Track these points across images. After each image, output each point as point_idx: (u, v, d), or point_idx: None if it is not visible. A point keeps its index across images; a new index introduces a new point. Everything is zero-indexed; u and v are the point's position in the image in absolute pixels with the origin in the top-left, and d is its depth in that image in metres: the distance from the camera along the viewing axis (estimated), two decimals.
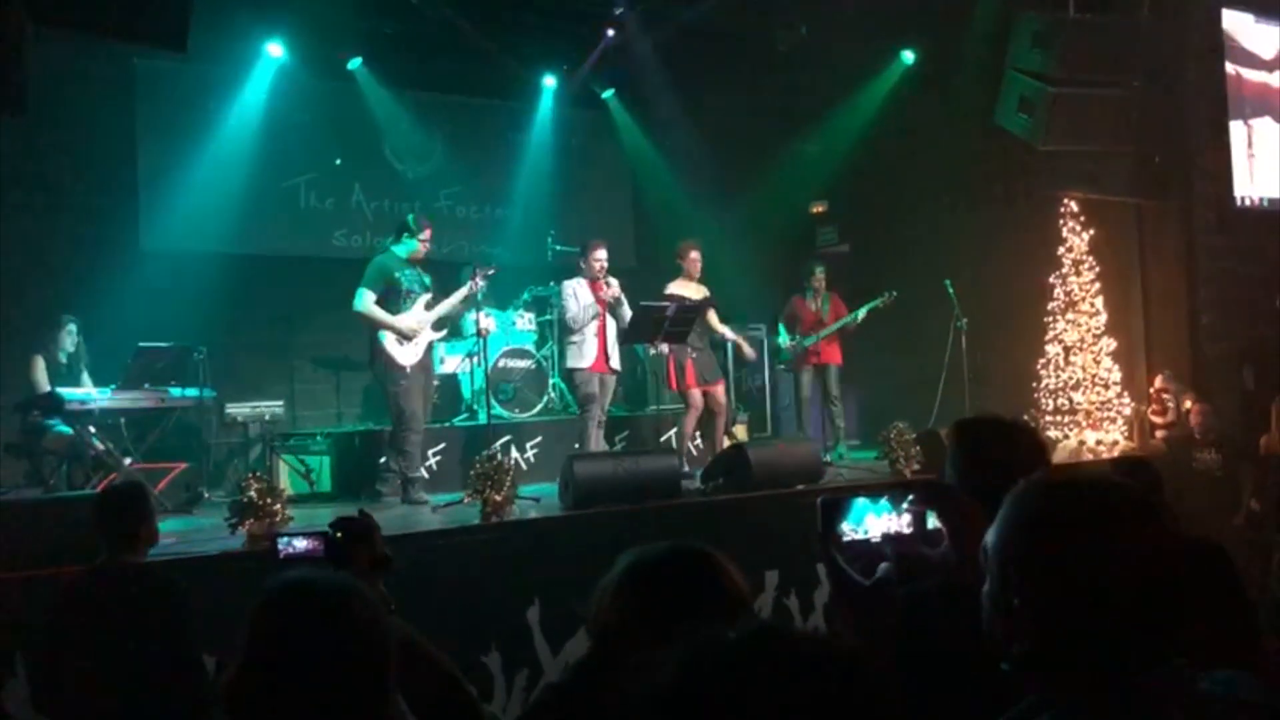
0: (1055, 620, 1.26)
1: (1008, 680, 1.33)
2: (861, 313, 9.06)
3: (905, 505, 1.74)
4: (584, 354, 7.76)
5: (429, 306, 7.27)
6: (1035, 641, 1.27)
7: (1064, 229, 9.44)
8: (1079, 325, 9.29)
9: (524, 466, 8.13)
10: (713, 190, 11.21)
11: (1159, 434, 9.02)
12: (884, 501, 1.74)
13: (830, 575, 1.70)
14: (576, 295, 7.79)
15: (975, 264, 9.55)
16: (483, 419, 7.80)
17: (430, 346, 7.43)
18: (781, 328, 9.45)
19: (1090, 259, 9.36)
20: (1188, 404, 8.74)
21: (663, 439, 9.09)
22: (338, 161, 10.29)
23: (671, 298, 8.01)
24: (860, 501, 1.73)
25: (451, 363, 8.99)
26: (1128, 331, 9.44)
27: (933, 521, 1.75)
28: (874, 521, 1.72)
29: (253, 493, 5.35)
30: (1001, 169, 9.60)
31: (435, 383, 8.06)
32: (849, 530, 1.71)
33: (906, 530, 1.74)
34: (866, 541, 1.71)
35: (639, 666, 0.94)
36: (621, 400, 8.84)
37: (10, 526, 4.85)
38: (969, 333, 8.86)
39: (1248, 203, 9.63)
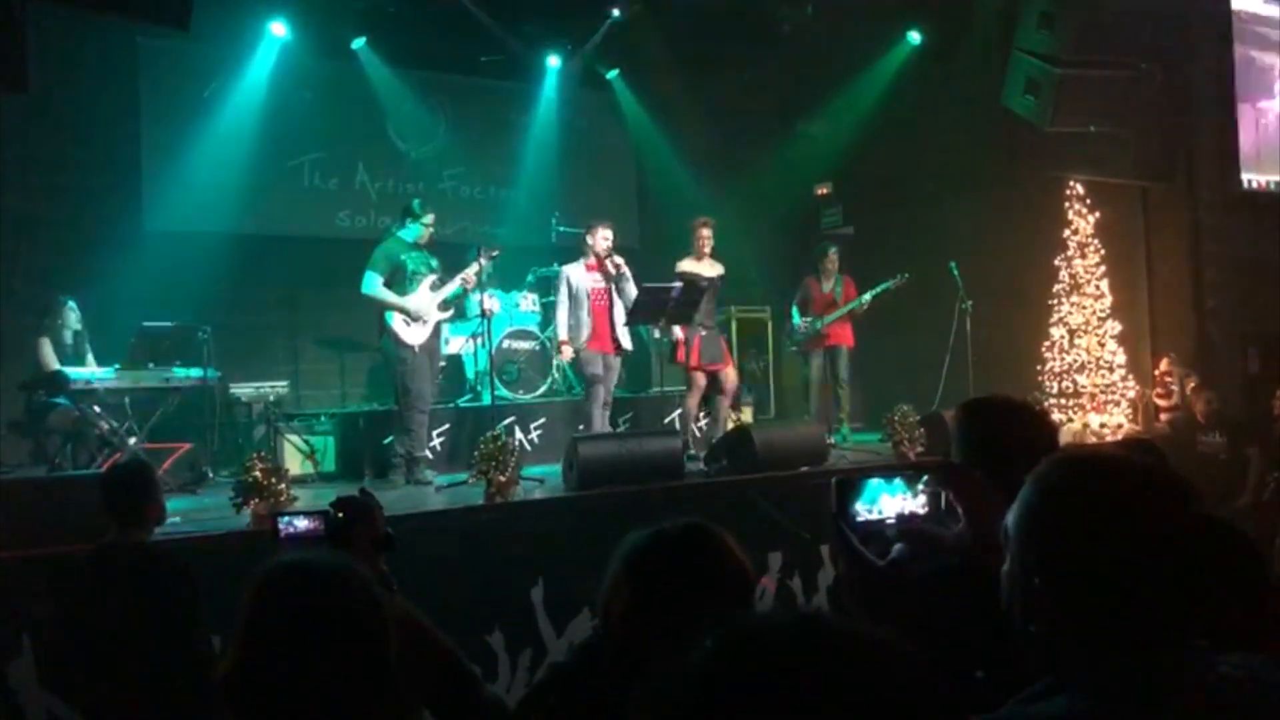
0: (1076, 599, 1.25)
1: (1023, 660, 1.32)
2: (867, 297, 9.04)
3: (921, 486, 1.73)
4: (582, 335, 7.72)
5: (435, 287, 7.28)
6: (1055, 621, 1.27)
7: (1069, 211, 9.39)
8: (1084, 308, 9.25)
9: (528, 448, 8.12)
10: (717, 171, 11.17)
11: (1163, 417, 9.00)
12: (898, 482, 1.72)
13: (843, 554, 1.69)
14: (569, 280, 7.77)
15: (980, 246, 9.50)
16: (487, 400, 7.80)
17: (437, 328, 7.43)
18: (795, 309, 9.42)
19: (1096, 242, 9.32)
20: (1192, 387, 8.72)
21: (666, 420, 9.08)
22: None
23: (681, 275, 7.98)
24: (874, 482, 1.71)
25: (456, 343, 8.98)
26: (1132, 314, 9.41)
27: (947, 502, 1.74)
28: (888, 502, 1.71)
29: (257, 473, 5.36)
30: (1007, 151, 9.53)
31: (442, 364, 8.05)
32: (863, 510, 1.70)
33: (921, 511, 1.72)
34: (881, 522, 1.70)
35: (664, 651, 0.90)
36: (624, 382, 8.82)
37: (15, 505, 4.86)
38: (973, 315, 8.83)
39: (1254, 185, 9.58)
